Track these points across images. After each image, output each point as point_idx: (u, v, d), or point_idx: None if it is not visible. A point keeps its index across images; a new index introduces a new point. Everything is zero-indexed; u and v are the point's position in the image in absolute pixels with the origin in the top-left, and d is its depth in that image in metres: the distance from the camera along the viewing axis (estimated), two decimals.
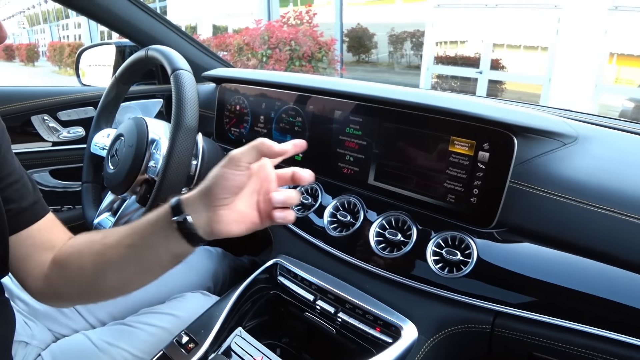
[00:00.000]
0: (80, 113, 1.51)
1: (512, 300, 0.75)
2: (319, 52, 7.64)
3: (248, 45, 7.79)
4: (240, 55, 7.90)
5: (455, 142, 0.84)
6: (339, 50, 9.24)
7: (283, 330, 1.01)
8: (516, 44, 8.25)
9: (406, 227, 0.89)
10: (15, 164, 0.76)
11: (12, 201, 0.74)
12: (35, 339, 0.97)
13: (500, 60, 8.56)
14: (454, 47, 9.17)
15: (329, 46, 7.84)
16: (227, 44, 8.47)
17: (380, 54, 11.58)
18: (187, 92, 0.90)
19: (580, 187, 0.77)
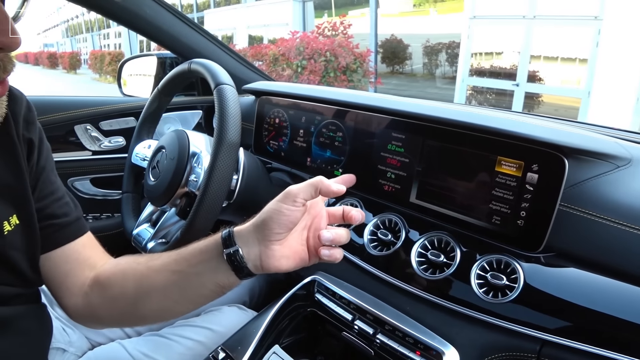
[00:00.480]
0: (121, 123, 1.54)
1: (561, 329, 0.71)
2: (353, 63, 7.65)
3: (283, 56, 7.87)
4: (275, 65, 7.98)
5: (503, 162, 0.82)
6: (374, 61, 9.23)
7: (319, 349, 0.99)
8: (554, 55, 8.08)
9: (449, 248, 0.87)
10: (58, 182, 0.78)
11: (56, 217, 0.75)
12: (73, 346, 0.98)
13: (537, 73, 8.39)
14: (489, 58, 9.05)
15: (363, 57, 7.85)
16: (263, 54, 8.57)
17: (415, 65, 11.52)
18: (230, 107, 0.90)
19: (634, 213, 0.73)
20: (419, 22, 11.01)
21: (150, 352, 0.96)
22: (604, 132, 1.03)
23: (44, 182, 0.75)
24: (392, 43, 11.56)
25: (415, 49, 11.36)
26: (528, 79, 8.34)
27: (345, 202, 1.06)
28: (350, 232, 0.86)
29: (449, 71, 10.53)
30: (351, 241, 0.96)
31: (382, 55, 11.57)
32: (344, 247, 0.96)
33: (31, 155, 0.72)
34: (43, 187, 0.74)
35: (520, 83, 8.40)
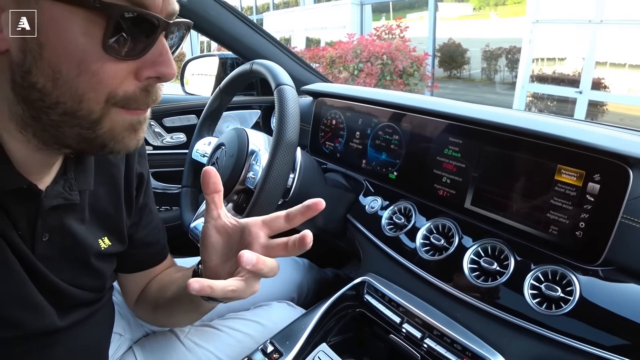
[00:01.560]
0: (183, 120, 1.60)
1: (618, 347, 0.69)
2: (410, 67, 7.58)
3: (340, 58, 7.89)
4: (332, 67, 8.01)
5: (563, 171, 0.80)
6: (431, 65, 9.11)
7: (365, 350, 1.00)
8: (621, 62, 7.71)
9: (503, 256, 0.86)
10: (154, 210, 0.90)
11: (150, 245, 0.89)
12: (129, 332, 1.03)
13: (602, 80, 8.03)
14: (551, 64, 8.73)
15: (420, 61, 7.76)
16: (320, 57, 8.61)
17: (473, 70, 11.28)
18: (290, 107, 0.92)
19: None
20: (479, 26, 10.76)
21: (201, 341, 1.00)
22: None
23: (145, 213, 0.86)
24: (450, 47, 11.36)
25: (474, 53, 11.11)
26: (592, 86, 8.00)
27: (399, 204, 1.06)
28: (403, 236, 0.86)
29: (508, 77, 10.24)
30: (403, 244, 0.98)
31: (439, 59, 11.38)
32: (396, 250, 0.98)
33: (140, 187, 0.82)
34: (144, 217, 0.85)
35: (584, 90, 8.06)
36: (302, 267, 1.35)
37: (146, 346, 1.00)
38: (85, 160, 0.68)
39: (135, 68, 0.53)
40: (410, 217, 1.02)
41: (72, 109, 0.51)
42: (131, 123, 0.56)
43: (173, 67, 0.56)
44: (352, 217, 1.15)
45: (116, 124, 0.55)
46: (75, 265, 0.70)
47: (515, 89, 9.16)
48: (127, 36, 0.50)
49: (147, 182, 0.84)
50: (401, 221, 1.02)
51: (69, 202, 0.65)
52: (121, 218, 0.77)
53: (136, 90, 0.54)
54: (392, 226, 1.04)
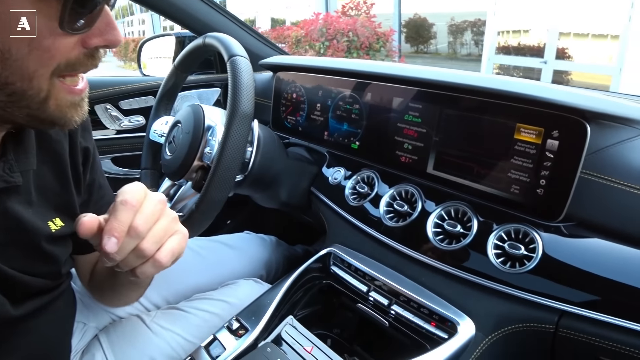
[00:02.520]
0: (140, 102, 1.55)
1: (580, 300, 0.70)
2: (377, 43, 7.57)
3: (306, 37, 7.83)
4: (298, 47, 7.96)
5: (522, 129, 0.79)
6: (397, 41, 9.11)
7: (334, 321, 1.00)
8: (584, 32, 7.82)
9: (466, 218, 0.85)
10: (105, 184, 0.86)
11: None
12: (93, 320, 1.00)
13: (566, 50, 8.14)
14: (516, 36, 8.81)
15: (387, 37, 7.76)
16: (285, 36, 8.54)
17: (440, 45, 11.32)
18: (243, 78, 0.89)
19: None
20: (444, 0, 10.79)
21: (168, 324, 0.98)
22: (627, 98, 0.99)
23: (96, 189, 0.81)
24: (416, 22, 11.37)
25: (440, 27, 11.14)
26: (556, 56, 8.11)
27: (361, 174, 1.05)
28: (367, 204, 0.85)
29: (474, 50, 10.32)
30: (367, 213, 0.97)
31: (406, 34, 11.39)
32: (360, 219, 0.97)
33: (87, 162, 0.78)
34: (94, 193, 0.81)
35: (548, 60, 8.17)
36: (269, 244, 1.34)
37: (112, 333, 0.98)
38: (25, 139, 0.65)
39: (83, 38, 0.53)
40: (374, 186, 1.01)
41: (22, 88, 0.50)
42: (73, 102, 0.57)
43: (120, 33, 0.56)
44: (316, 190, 1.13)
45: (61, 102, 0.55)
46: (25, 251, 0.66)
47: (482, 61, 9.24)
48: (77, 10, 0.49)
49: (94, 156, 0.80)
50: (364, 190, 1.01)
51: (10, 185, 0.61)
52: (71, 195, 0.73)
53: (79, 55, 0.54)
54: (355, 195, 1.03)
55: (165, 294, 1.09)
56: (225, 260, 1.22)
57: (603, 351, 0.68)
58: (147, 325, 0.98)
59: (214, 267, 1.18)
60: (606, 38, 7.58)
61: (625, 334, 0.66)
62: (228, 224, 1.75)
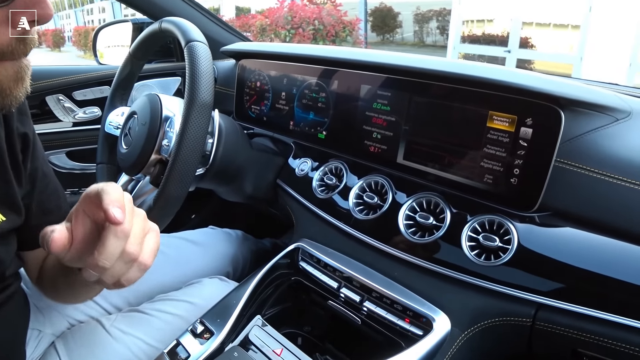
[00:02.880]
0: (96, 92, 1.47)
1: (557, 292, 0.68)
2: (343, 32, 7.56)
3: (271, 26, 7.76)
4: (263, 35, 7.90)
5: (494, 117, 0.77)
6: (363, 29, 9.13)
7: (305, 319, 0.96)
8: (546, 22, 7.99)
9: (439, 209, 0.83)
10: (50, 173, 0.80)
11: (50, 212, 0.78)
12: (49, 326, 0.94)
13: (529, 39, 8.34)
14: (481, 25, 8.95)
15: (353, 25, 7.77)
16: (250, 25, 8.45)
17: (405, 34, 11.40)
18: (202, 65, 0.84)
19: (634, 167, 0.69)
20: None
21: (129, 328, 0.93)
22: (601, 86, 0.98)
23: (38, 178, 0.76)
24: (382, 11, 11.41)
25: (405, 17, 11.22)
26: (520, 45, 8.27)
27: (329, 164, 1.01)
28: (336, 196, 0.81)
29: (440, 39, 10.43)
30: (336, 205, 0.94)
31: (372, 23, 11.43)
32: (329, 212, 0.93)
33: (26, 149, 0.72)
34: (37, 182, 0.75)
35: (512, 49, 8.33)
36: (235, 239, 1.29)
37: (69, 340, 0.92)
38: None
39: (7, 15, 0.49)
40: (342, 177, 0.97)
41: None
42: (15, 71, 0.52)
43: (50, 6, 0.51)
44: (282, 182, 1.09)
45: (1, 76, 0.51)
46: None
47: (447, 50, 9.35)
48: None
49: (34, 143, 0.74)
50: (332, 182, 0.97)
51: None
52: (11, 186, 0.67)
53: (11, 41, 0.50)
54: (323, 187, 0.99)
55: (126, 294, 1.03)
56: (189, 257, 1.17)
57: (580, 343, 0.67)
58: (107, 330, 0.92)
59: (177, 265, 1.13)
60: (567, 28, 7.78)
61: (602, 325, 0.65)
62: (192, 219, 1.70)
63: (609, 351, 0.65)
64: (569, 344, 0.69)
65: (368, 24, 11.10)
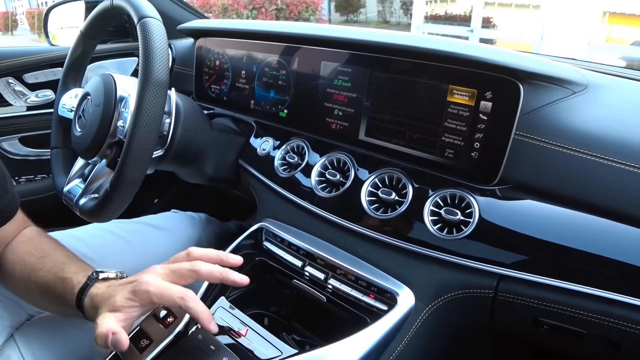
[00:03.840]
0: (48, 75, 1.41)
1: (517, 263, 0.69)
2: (306, 11, 7.50)
3: (233, 6, 7.63)
4: (224, 16, 7.75)
5: (455, 91, 0.77)
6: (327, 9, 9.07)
7: (271, 299, 0.95)
8: (507, 2, 8.11)
9: (401, 185, 0.83)
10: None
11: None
12: (7, 318, 0.90)
13: (491, 19, 8.44)
14: (444, 5, 9.01)
15: (316, 5, 7.71)
16: (211, 5, 8.28)
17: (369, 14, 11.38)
18: (156, 42, 0.81)
19: (591, 139, 0.70)
20: None
21: None
22: (559, 60, 0.99)
23: None
24: None
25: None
26: (482, 25, 8.37)
27: (291, 143, 1.00)
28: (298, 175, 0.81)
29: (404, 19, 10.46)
30: (299, 184, 0.93)
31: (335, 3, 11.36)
32: (292, 191, 0.93)
33: None
34: None
35: (475, 29, 8.42)
36: (198, 222, 1.26)
37: (29, 332, 0.89)
38: None
39: None
40: (304, 155, 0.96)
41: None
42: None
43: None
44: (244, 162, 1.08)
45: None
46: None
47: (411, 30, 9.39)
48: None
49: None
50: (294, 160, 0.96)
51: None
52: None
53: None
54: (285, 166, 0.98)
55: None
56: (152, 242, 1.14)
57: (541, 312, 0.69)
58: (68, 319, 0.89)
59: (140, 251, 1.10)
60: (528, 8, 7.89)
61: (562, 294, 0.67)
62: (155, 203, 1.66)
63: (568, 318, 0.67)
64: (531, 313, 0.70)
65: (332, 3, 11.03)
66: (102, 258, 1.03)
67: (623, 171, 0.66)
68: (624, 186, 0.66)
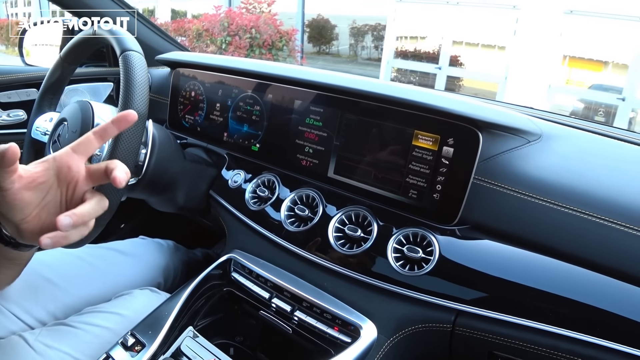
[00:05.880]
0: (21, 95, 1.41)
1: (474, 299, 0.73)
2: (279, 41, 7.57)
3: (207, 32, 7.64)
4: (198, 41, 7.75)
5: (419, 136, 0.82)
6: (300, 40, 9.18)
7: (237, 329, 0.96)
8: (475, 42, 8.37)
9: (367, 222, 0.86)
10: None
11: None
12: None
13: (458, 57, 8.67)
14: (414, 42, 9.23)
15: (290, 35, 7.79)
16: (186, 29, 8.28)
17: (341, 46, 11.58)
18: (137, 75, 0.83)
19: (543, 185, 0.75)
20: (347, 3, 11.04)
21: (54, 342, 0.88)
22: (516, 109, 1.06)
23: None
24: (319, 23, 11.54)
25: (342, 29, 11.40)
26: (450, 62, 8.60)
27: (262, 177, 1.03)
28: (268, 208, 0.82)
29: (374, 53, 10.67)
30: (268, 217, 0.95)
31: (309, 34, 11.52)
32: (261, 224, 0.95)
33: None
34: None
35: (443, 66, 8.64)
36: (166, 249, 1.26)
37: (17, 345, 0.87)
38: None
39: None
40: (275, 189, 0.99)
41: None
42: None
43: None
44: (215, 193, 1.09)
45: None
46: None
47: (381, 64, 9.57)
48: None
49: None
50: (265, 194, 0.99)
51: None
52: None
53: None
54: (256, 199, 1.01)
55: (51, 308, 0.99)
56: (119, 268, 1.14)
57: (496, 346, 0.73)
58: (31, 345, 0.87)
59: (106, 277, 1.10)
60: (494, 48, 8.16)
61: (514, 329, 0.71)
62: (122, 228, 1.65)
63: (520, 352, 0.71)
64: (486, 347, 0.74)
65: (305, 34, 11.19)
66: (68, 283, 1.02)
67: (571, 216, 0.72)
68: (572, 229, 0.71)
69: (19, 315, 0.94)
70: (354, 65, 11.18)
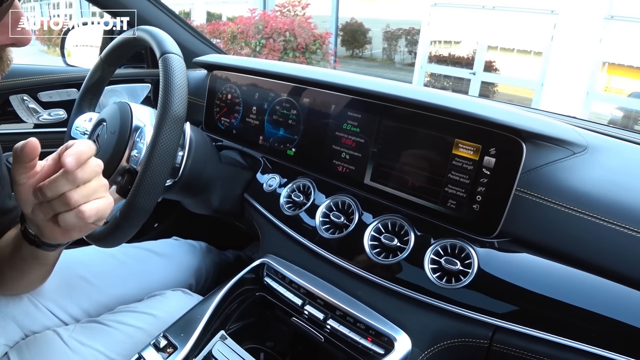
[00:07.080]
0: (62, 95, 1.44)
1: (513, 315, 0.71)
2: (313, 45, 7.58)
3: (242, 34, 7.71)
4: (233, 43, 7.82)
5: (460, 145, 0.79)
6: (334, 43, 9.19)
7: (268, 335, 0.96)
8: (510, 47, 8.24)
9: (403, 232, 0.85)
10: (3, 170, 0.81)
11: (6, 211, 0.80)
12: (3, 335, 0.91)
13: (493, 63, 8.56)
14: (448, 46, 9.15)
15: (323, 39, 7.79)
16: (221, 32, 8.36)
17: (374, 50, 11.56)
18: (176, 78, 0.83)
19: (588, 199, 0.72)
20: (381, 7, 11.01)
21: (88, 340, 0.90)
22: (560, 119, 1.03)
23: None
24: (352, 26, 11.55)
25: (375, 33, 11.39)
26: (484, 68, 8.49)
27: (297, 182, 1.02)
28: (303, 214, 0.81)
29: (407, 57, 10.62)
30: (303, 223, 0.94)
31: (342, 38, 11.53)
32: (295, 229, 0.94)
33: None
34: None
35: (477, 72, 8.54)
36: (198, 251, 1.27)
37: (24, 351, 0.88)
38: None
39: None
40: (310, 195, 0.98)
41: None
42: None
43: (30, 32, 0.54)
44: (250, 196, 1.09)
45: None
46: None
47: (415, 69, 9.51)
48: None
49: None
50: (300, 199, 0.98)
51: None
52: None
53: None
54: (290, 204, 1.00)
55: (85, 305, 1.00)
56: (152, 268, 1.15)
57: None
58: (65, 341, 0.89)
59: (139, 277, 1.11)
60: (530, 54, 8.02)
61: (555, 349, 0.68)
62: (155, 227, 1.67)
63: None
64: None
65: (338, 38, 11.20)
66: (102, 281, 1.04)
67: (618, 232, 0.68)
68: (617, 246, 0.68)
69: (54, 311, 0.96)
70: (387, 69, 11.14)
